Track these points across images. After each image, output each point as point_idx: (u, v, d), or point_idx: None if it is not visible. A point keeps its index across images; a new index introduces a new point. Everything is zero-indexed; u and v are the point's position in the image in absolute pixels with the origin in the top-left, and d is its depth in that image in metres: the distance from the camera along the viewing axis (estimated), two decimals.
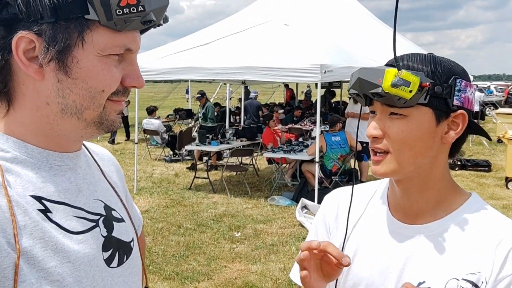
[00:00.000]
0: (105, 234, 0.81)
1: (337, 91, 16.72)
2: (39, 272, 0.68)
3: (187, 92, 21.63)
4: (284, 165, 8.02)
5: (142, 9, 0.70)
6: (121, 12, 0.69)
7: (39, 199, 0.73)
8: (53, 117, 0.75)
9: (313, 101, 16.26)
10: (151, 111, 11.80)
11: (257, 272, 4.49)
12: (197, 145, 8.32)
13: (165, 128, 11.51)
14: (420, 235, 0.91)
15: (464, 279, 0.83)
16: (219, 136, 8.84)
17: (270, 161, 8.41)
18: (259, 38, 7.17)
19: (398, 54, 0.83)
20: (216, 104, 14.15)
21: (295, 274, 1.09)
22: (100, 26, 0.70)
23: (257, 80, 8.35)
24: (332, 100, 14.91)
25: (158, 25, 0.79)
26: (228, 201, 7.02)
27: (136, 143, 8.11)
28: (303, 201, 6.09)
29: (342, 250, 0.97)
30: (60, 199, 0.76)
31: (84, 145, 0.89)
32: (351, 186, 1.03)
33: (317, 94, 6.47)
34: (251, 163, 8.54)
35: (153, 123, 11.23)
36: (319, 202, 6.06)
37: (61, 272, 0.70)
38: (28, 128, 0.76)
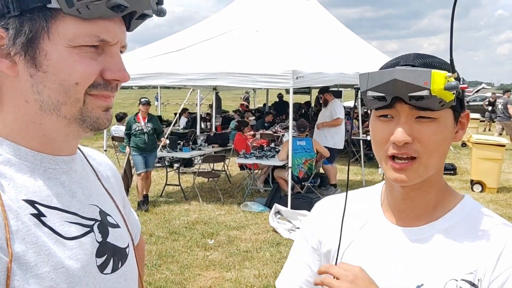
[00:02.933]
0: (99, 239, 0.79)
1: (305, 97, 16.97)
2: (32, 277, 0.66)
3: (156, 100, 21.38)
4: (256, 171, 8.01)
5: None
6: None
7: (32, 203, 0.71)
8: (35, 116, 0.73)
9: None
10: (120, 118, 11.58)
11: (232, 279, 4.45)
12: (168, 152, 8.21)
13: None
14: (417, 237, 0.90)
15: (462, 279, 0.83)
16: (191, 143, 8.76)
17: (242, 167, 8.39)
18: (231, 44, 7.18)
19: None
20: (185, 110, 14.04)
21: (282, 283, 1.08)
22: (66, 16, 0.68)
23: (229, 86, 8.33)
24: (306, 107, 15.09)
25: (146, 16, 0.75)
26: (200, 208, 6.95)
27: (105, 150, 7.94)
28: (276, 206, 6.10)
29: (337, 257, 0.96)
30: (54, 203, 0.74)
31: (80, 149, 0.87)
32: (344, 194, 0.99)
33: (290, 100, 6.51)
34: (223, 169, 8.50)
35: (122, 130, 11.00)
36: (292, 207, 6.10)
37: (54, 278, 0.68)
38: (14, 128, 0.73)
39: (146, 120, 6.92)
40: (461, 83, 0.79)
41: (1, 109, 0.73)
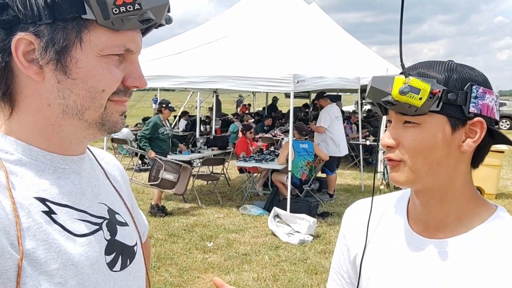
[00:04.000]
0: (108, 237, 0.80)
1: (304, 100, 16.99)
2: (42, 274, 0.67)
3: (155, 102, 21.39)
4: (255, 174, 8.02)
5: (138, 7, 0.69)
6: (117, 11, 0.69)
7: (43, 200, 0.72)
8: (55, 119, 0.75)
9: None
10: None
11: (231, 282, 4.44)
12: (168, 155, 8.21)
13: (134, 137, 11.31)
14: (439, 249, 0.86)
15: None
16: (190, 145, 8.77)
17: (241, 170, 8.39)
18: (232, 48, 7.20)
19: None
20: (185, 113, 14.07)
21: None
22: (98, 26, 0.70)
23: (229, 89, 8.34)
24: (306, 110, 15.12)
25: (160, 25, 0.78)
26: (199, 210, 6.95)
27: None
28: (276, 210, 6.10)
29: (361, 263, 0.96)
30: (64, 201, 0.75)
31: (89, 149, 0.89)
32: (371, 198, 1.01)
33: (290, 104, 6.52)
34: (222, 172, 8.50)
35: (121, 132, 11.01)
36: (291, 211, 6.11)
37: (63, 275, 0.69)
38: (31, 130, 0.75)
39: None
40: (466, 88, 0.80)
41: (19, 110, 0.75)
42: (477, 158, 0.88)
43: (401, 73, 0.85)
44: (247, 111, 17.51)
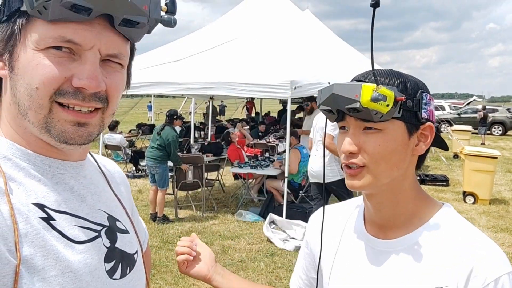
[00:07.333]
0: (108, 244, 0.79)
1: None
2: (40, 281, 0.66)
3: (149, 109, 21.32)
4: (250, 180, 8.00)
5: None
6: None
7: (41, 207, 0.71)
8: (19, 119, 0.73)
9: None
10: (112, 126, 11.52)
11: None
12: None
13: (127, 143, 11.27)
14: (393, 249, 0.91)
15: None
16: (185, 152, 8.74)
17: (236, 176, 8.37)
18: (229, 54, 7.21)
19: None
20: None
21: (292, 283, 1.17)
22: (36, 19, 0.68)
23: (226, 95, 8.34)
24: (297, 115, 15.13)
25: (135, 23, 0.71)
26: (194, 217, 6.92)
27: None
28: (271, 216, 6.08)
29: (318, 268, 1.02)
30: (62, 208, 0.74)
31: (92, 156, 0.87)
32: (338, 204, 1.08)
33: (288, 110, 6.53)
34: (217, 178, 8.47)
35: (115, 138, 10.98)
36: (287, 217, 6.09)
37: (61, 282, 0.68)
38: (15, 131, 0.74)
39: None
40: (418, 96, 0.85)
41: (1, 111, 0.76)
42: (421, 160, 0.94)
43: (360, 80, 0.87)
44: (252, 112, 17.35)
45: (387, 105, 0.81)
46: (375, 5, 0.75)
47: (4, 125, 0.75)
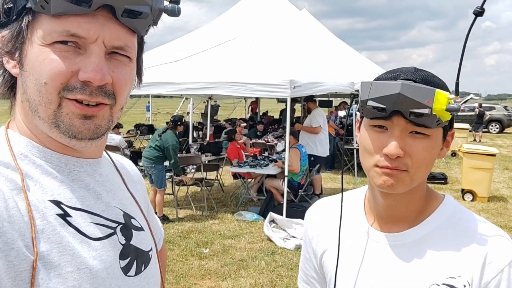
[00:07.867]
0: (123, 242, 0.79)
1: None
2: (56, 276, 0.67)
3: (147, 110, 21.28)
4: (249, 180, 8.01)
5: None
6: None
7: (58, 203, 0.72)
8: (31, 116, 0.74)
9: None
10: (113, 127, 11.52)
11: None
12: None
13: (126, 144, 11.25)
14: (400, 243, 0.91)
15: (444, 284, 0.84)
16: (184, 151, 8.74)
17: (235, 176, 8.38)
18: (228, 54, 7.22)
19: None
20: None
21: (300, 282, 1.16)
22: (41, 15, 0.69)
23: (225, 95, 8.35)
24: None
25: (138, 13, 0.71)
26: (194, 217, 6.92)
27: None
28: (271, 215, 6.10)
29: (337, 264, 0.98)
30: (78, 205, 0.74)
31: (108, 154, 0.88)
32: (330, 197, 1.08)
33: (287, 109, 6.54)
34: (216, 178, 8.48)
35: (114, 139, 10.94)
36: (287, 216, 6.10)
37: (77, 278, 0.69)
38: (29, 129, 0.76)
39: None
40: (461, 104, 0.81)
41: (16, 109, 0.77)
42: None
43: (440, 88, 0.82)
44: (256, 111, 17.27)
45: (450, 114, 0.80)
46: (480, 14, 0.72)
47: (19, 123, 0.76)
